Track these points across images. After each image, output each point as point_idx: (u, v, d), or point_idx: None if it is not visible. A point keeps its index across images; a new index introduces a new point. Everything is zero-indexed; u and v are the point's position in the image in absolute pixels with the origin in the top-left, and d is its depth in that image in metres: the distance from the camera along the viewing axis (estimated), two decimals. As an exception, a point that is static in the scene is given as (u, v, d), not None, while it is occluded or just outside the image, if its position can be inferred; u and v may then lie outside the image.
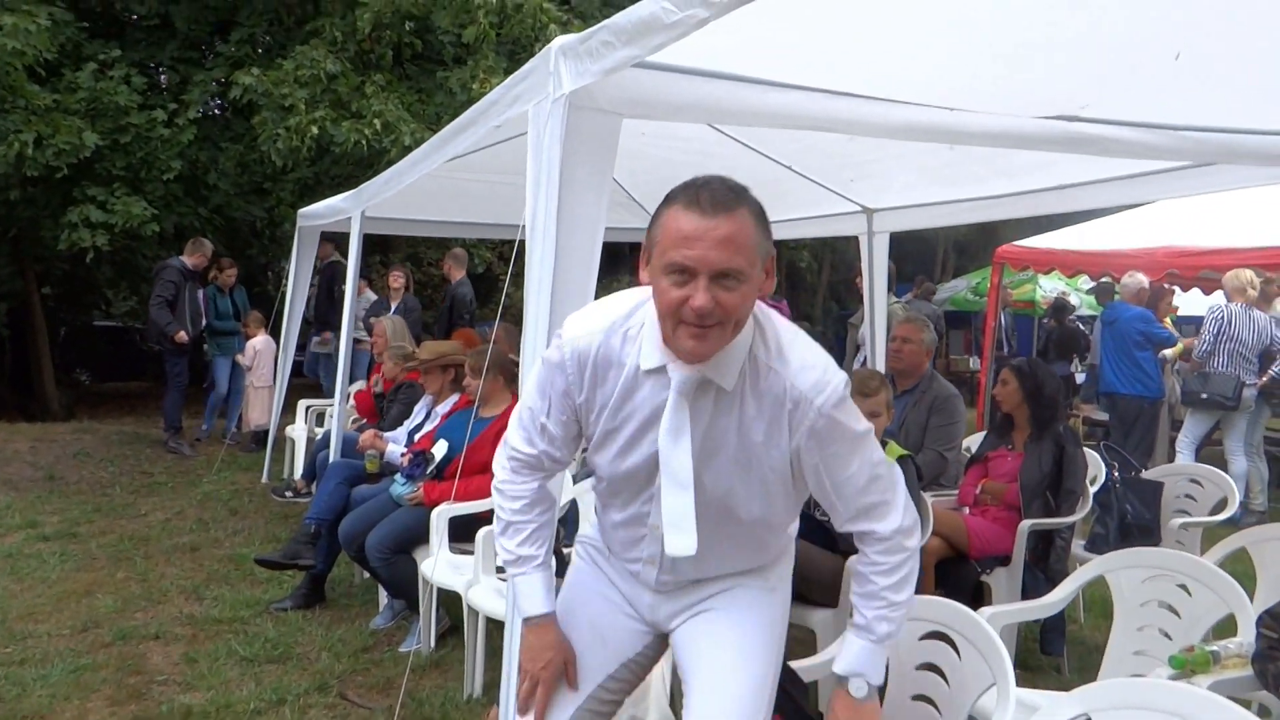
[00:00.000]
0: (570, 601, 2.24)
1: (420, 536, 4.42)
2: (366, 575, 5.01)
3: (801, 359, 1.86)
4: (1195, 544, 4.35)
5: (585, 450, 2.12)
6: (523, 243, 2.66)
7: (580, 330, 1.94)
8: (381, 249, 15.25)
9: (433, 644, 4.39)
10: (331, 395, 7.06)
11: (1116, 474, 4.58)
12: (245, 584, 5.39)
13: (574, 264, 2.53)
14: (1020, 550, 4.08)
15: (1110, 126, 3.23)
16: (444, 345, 5.29)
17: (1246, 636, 2.52)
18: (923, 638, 2.45)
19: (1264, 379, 7.55)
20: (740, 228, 1.70)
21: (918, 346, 4.80)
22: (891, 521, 1.94)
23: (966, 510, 4.46)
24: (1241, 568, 3.33)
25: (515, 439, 2.09)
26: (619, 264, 18.26)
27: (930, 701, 2.40)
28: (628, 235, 9.01)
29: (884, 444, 3.74)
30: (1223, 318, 7.54)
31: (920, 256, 23.92)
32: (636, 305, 1.93)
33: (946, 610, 2.45)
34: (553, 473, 2.15)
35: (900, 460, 3.66)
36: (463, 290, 9.26)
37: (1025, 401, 4.34)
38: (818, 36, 2.65)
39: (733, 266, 1.69)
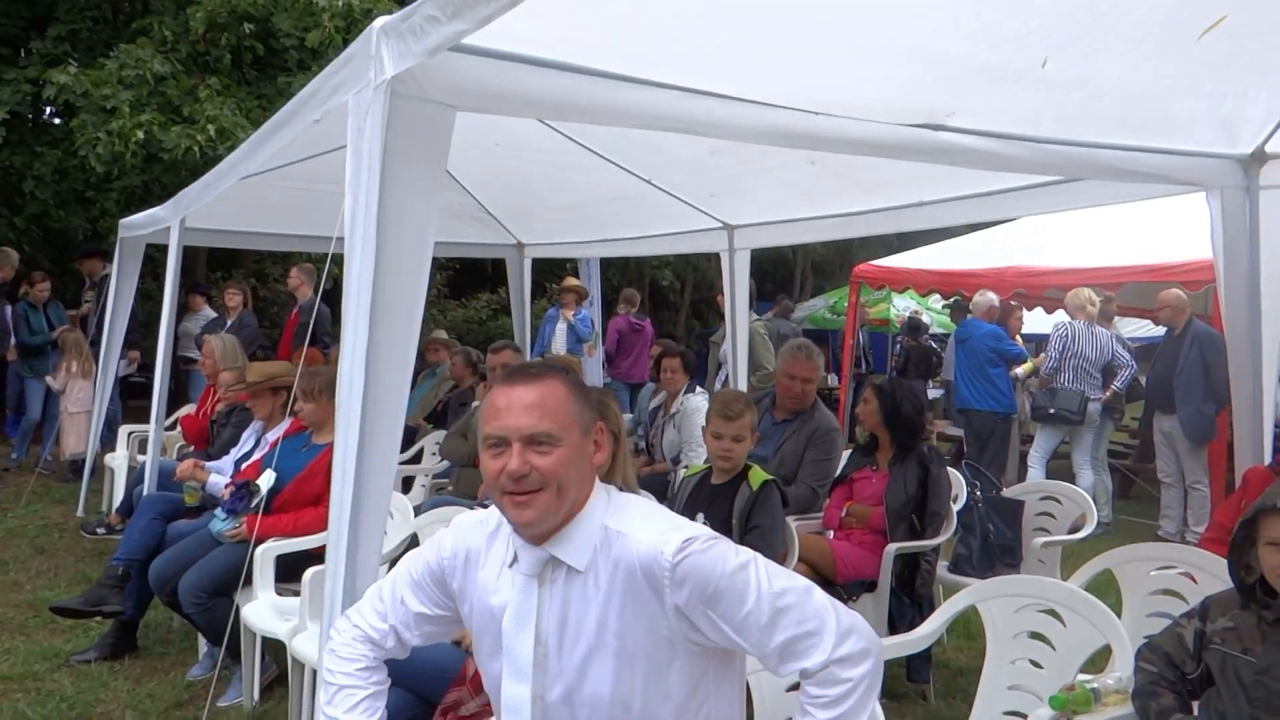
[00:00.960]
0: None
1: (239, 577, 3.97)
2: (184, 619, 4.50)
3: (645, 517, 1.78)
4: (1055, 562, 4.32)
5: None
6: (340, 255, 2.32)
7: (466, 520, 1.97)
8: (226, 264, 14.42)
9: (256, 696, 3.95)
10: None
11: (979, 493, 4.52)
12: (44, 633, 4.78)
13: (398, 275, 2.21)
14: (886, 575, 3.94)
15: (974, 137, 3.13)
16: (273, 366, 4.85)
17: (1124, 670, 2.39)
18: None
19: (1107, 393, 7.77)
20: (548, 393, 1.73)
21: (814, 385, 4.63)
22: (819, 655, 1.67)
23: (831, 534, 4.32)
24: (1107, 590, 3.26)
25: (367, 610, 1.99)
26: (478, 281, 17.84)
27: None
28: (488, 251, 8.74)
29: (747, 468, 3.55)
30: (1068, 334, 7.74)
31: (779, 276, 24.32)
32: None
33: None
34: (390, 655, 2.01)
35: (763, 485, 3.46)
36: (322, 307, 8.72)
37: (884, 422, 4.23)
38: (673, 30, 2.43)
39: (541, 429, 1.69)
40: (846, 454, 4.55)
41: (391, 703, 2.63)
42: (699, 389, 6.03)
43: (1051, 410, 7.67)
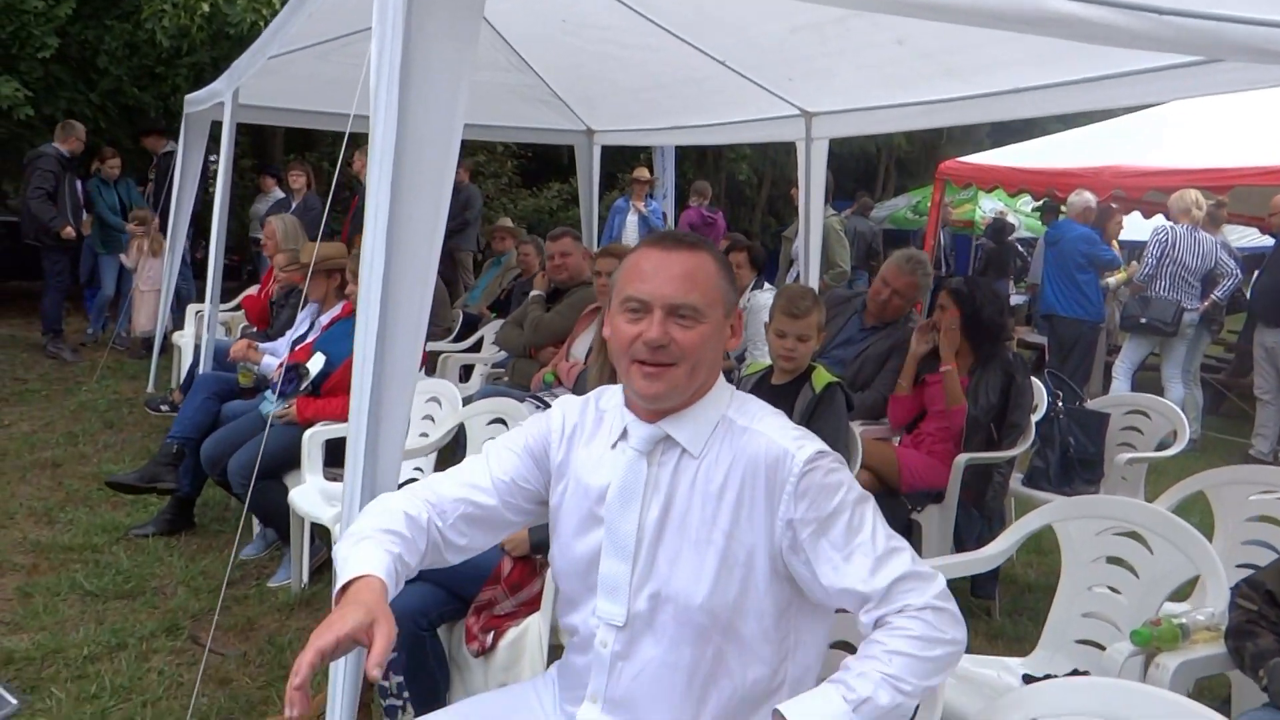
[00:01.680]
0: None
1: (291, 460, 3.92)
2: (240, 499, 4.50)
3: (782, 422, 1.68)
4: (1140, 481, 4.04)
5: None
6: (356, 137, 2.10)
7: (572, 398, 1.87)
8: (301, 146, 14.35)
9: (306, 579, 3.93)
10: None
11: (1060, 404, 4.23)
12: (106, 506, 4.84)
13: (423, 159, 1.99)
14: (955, 486, 3.72)
15: (1085, 4, 2.75)
16: (327, 248, 4.70)
17: (1217, 605, 2.16)
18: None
19: (1205, 304, 7.30)
20: (700, 265, 1.64)
21: (906, 303, 4.34)
22: (925, 595, 1.55)
23: (898, 440, 4.10)
24: (1197, 514, 3.00)
25: (436, 479, 1.81)
26: (551, 170, 17.52)
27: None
28: (557, 138, 8.46)
29: (811, 368, 3.32)
30: (1167, 239, 7.25)
31: (861, 173, 23.52)
32: (605, 388, 1.83)
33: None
34: (424, 547, 1.68)
35: (827, 387, 3.24)
36: None
37: (965, 328, 3.93)
38: None
39: (688, 301, 1.61)
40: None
41: (423, 597, 2.54)
42: (767, 285, 5.76)
43: (1143, 320, 7.24)
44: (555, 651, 2.51)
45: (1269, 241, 8.31)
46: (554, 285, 5.10)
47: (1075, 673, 2.38)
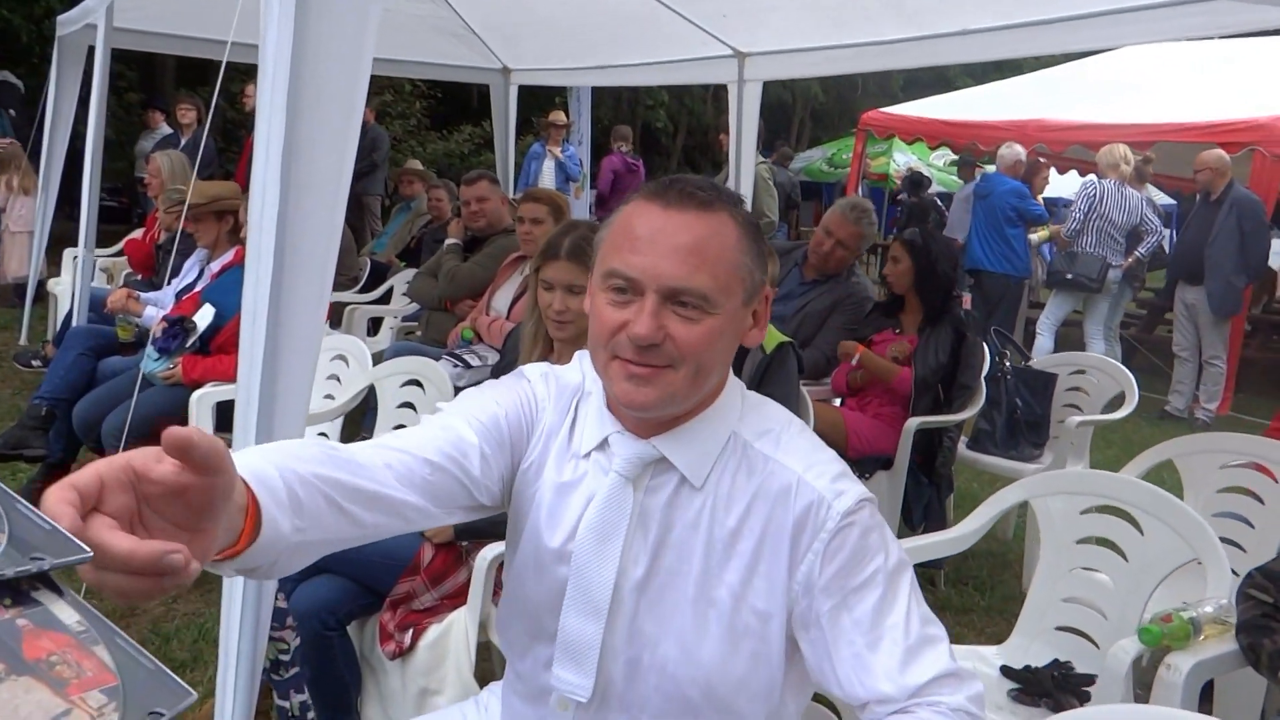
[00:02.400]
0: None
1: (176, 425, 3.50)
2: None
3: (812, 448, 1.28)
4: (1086, 444, 3.89)
5: None
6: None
7: (563, 372, 1.39)
8: (195, 79, 13.42)
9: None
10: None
11: (1007, 364, 4.05)
12: (-33, 474, 4.33)
13: (324, 96, 1.63)
14: (905, 451, 3.51)
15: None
16: (217, 186, 4.24)
17: (1220, 595, 1.97)
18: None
19: (1129, 260, 7.28)
20: (715, 234, 1.19)
21: (851, 254, 4.07)
22: (960, 693, 1.19)
23: (839, 401, 3.87)
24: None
25: (390, 436, 1.26)
26: (461, 112, 16.84)
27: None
28: (471, 76, 7.97)
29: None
30: (1094, 194, 7.18)
31: (775, 124, 23.35)
32: (583, 357, 1.38)
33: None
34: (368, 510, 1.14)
35: (779, 348, 2.97)
36: None
37: (916, 283, 3.71)
38: None
39: (694, 286, 1.17)
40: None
41: (329, 592, 2.20)
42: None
43: (1069, 275, 7.18)
44: (483, 651, 2.21)
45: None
46: (471, 234, 4.72)
47: (1057, 663, 2.18)
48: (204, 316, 3.63)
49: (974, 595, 3.69)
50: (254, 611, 1.71)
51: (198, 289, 4.09)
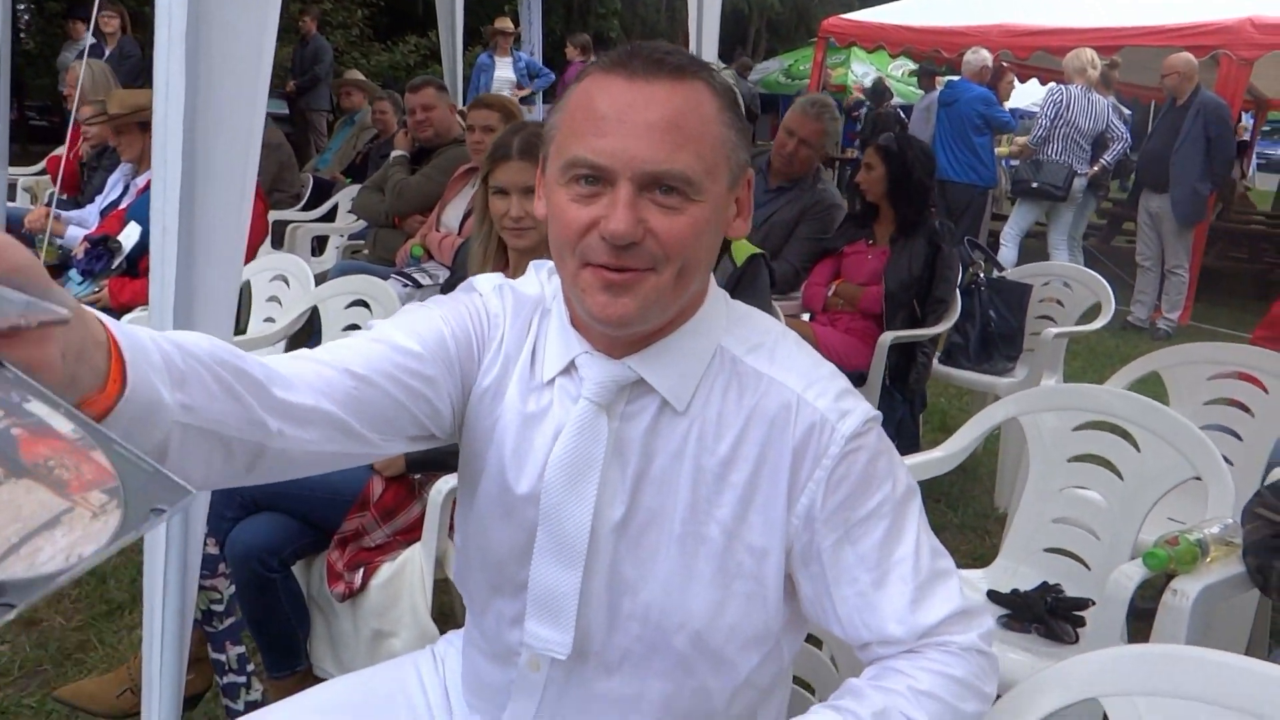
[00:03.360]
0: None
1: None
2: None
3: (812, 363, 1.11)
4: (1060, 357, 3.79)
5: None
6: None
7: (524, 286, 1.19)
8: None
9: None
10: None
11: (981, 275, 3.92)
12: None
13: None
14: (879, 367, 3.38)
15: None
16: (141, 96, 3.92)
17: (1223, 514, 1.86)
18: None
19: (1095, 168, 7.15)
20: (693, 105, 0.99)
21: (815, 152, 3.86)
22: (972, 630, 1.08)
23: (807, 316, 3.73)
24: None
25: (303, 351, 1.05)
26: (406, 22, 16.19)
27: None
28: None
29: (728, 240, 2.86)
30: (1061, 100, 7.01)
31: (731, 35, 22.83)
32: (542, 265, 1.20)
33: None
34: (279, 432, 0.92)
35: (750, 260, 2.80)
36: None
37: (890, 191, 3.54)
38: None
39: (675, 168, 0.98)
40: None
41: (271, 531, 2.02)
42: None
43: (1034, 184, 7.05)
44: (442, 586, 2.07)
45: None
46: (419, 145, 4.45)
47: (1046, 587, 2.07)
48: (130, 235, 3.38)
49: (946, 512, 3.61)
50: (180, 557, 1.54)
51: (123, 206, 3.83)
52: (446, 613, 2.24)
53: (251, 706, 1.95)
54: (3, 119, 4.44)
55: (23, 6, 5.19)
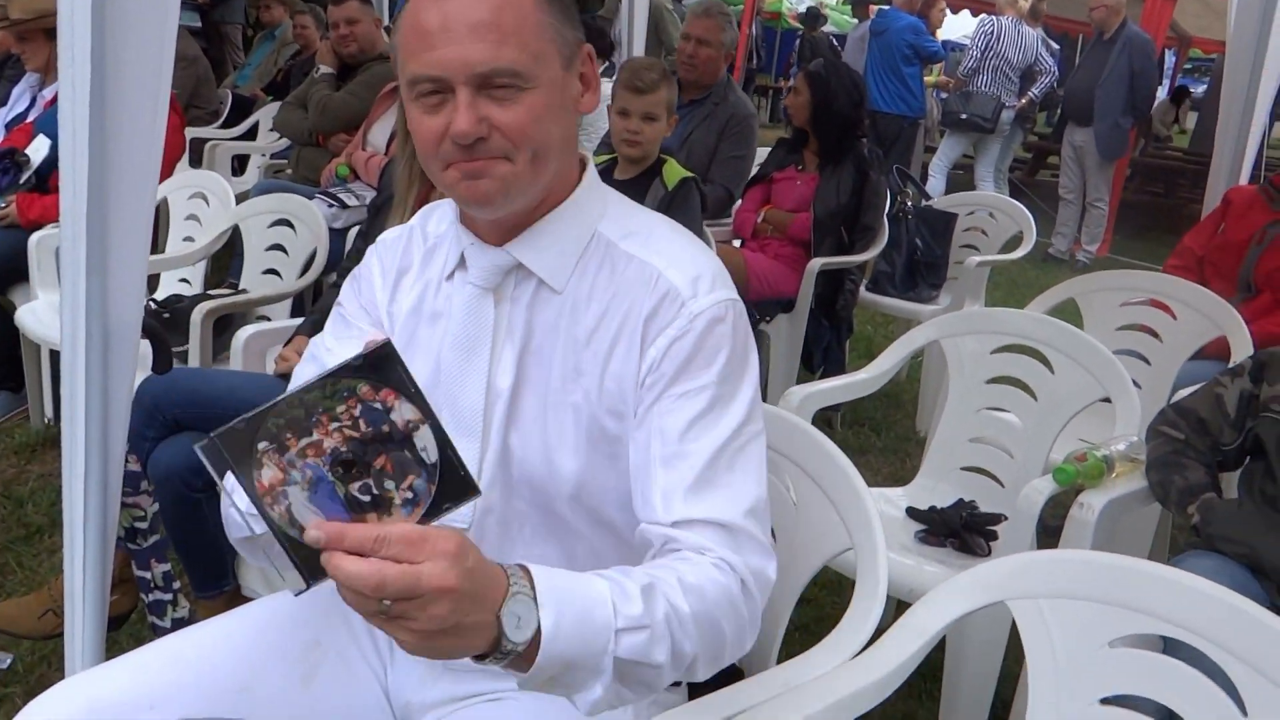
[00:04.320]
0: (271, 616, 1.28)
1: (15, 272, 3.16)
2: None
3: (682, 250, 1.17)
4: (982, 286, 3.88)
5: None
6: None
7: (391, 234, 1.33)
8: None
9: (50, 412, 3.25)
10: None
11: (908, 204, 3.96)
12: None
13: None
14: (807, 294, 3.42)
15: None
16: (47, 1, 3.72)
17: (1128, 432, 1.94)
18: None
19: (1023, 101, 7.24)
20: (508, 2, 1.06)
21: (716, 51, 3.82)
22: (731, 510, 1.07)
23: (739, 242, 3.74)
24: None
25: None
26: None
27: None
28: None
29: (661, 161, 2.85)
30: (991, 31, 7.07)
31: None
32: (433, 207, 1.31)
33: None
34: None
35: (681, 183, 2.79)
36: None
37: (813, 118, 3.55)
38: None
39: (501, 64, 1.05)
40: (766, 151, 3.87)
41: (192, 451, 2.00)
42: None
43: (963, 116, 7.14)
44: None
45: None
46: (342, 61, 4.31)
47: (962, 503, 2.15)
48: (38, 149, 3.23)
49: (870, 436, 3.71)
50: (100, 475, 1.51)
51: (30, 119, 3.65)
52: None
53: (178, 624, 1.94)
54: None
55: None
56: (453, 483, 0.83)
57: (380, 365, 0.81)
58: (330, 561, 0.79)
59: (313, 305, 3.18)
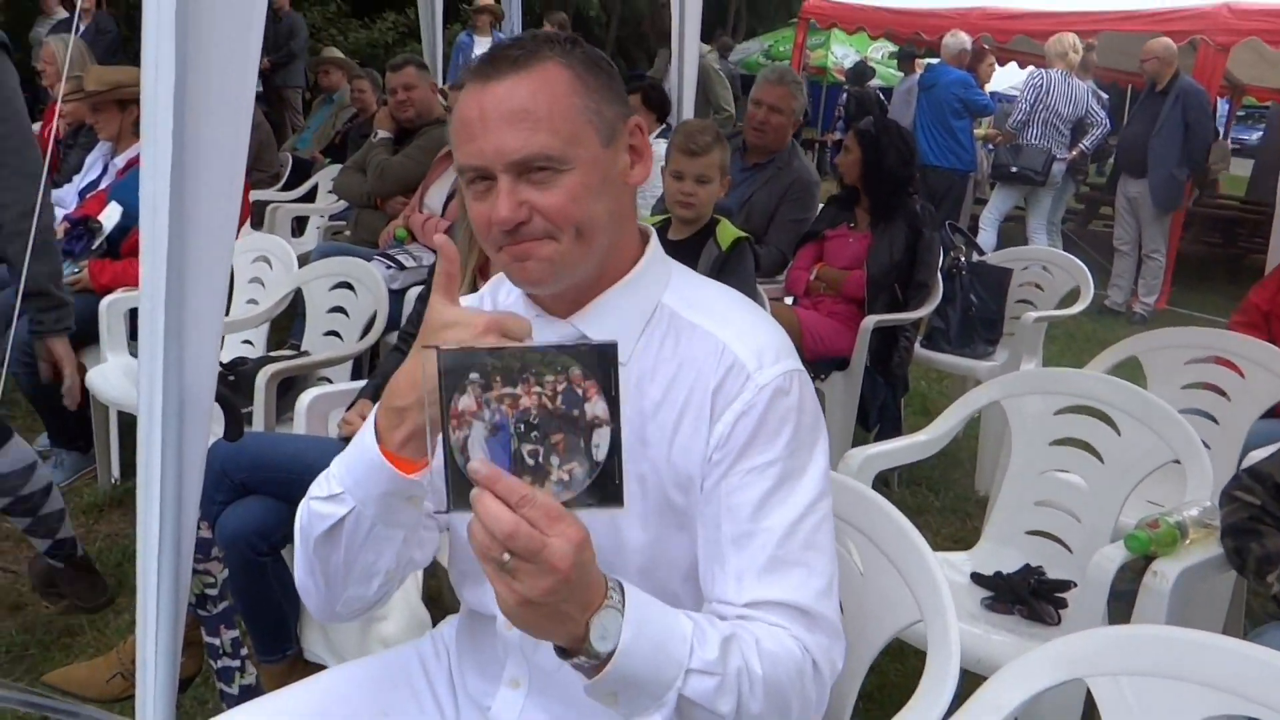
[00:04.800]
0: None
1: (87, 335, 3.24)
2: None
3: (747, 320, 1.19)
4: (1040, 340, 3.83)
5: None
6: None
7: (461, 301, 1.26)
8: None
9: (117, 474, 3.32)
10: None
11: (962, 259, 3.94)
12: None
13: None
14: (862, 351, 3.40)
15: None
16: (120, 73, 3.86)
17: (1202, 497, 1.89)
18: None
19: (1074, 153, 7.20)
20: (540, 87, 1.09)
21: (787, 119, 3.86)
22: (804, 593, 1.08)
23: (791, 300, 3.74)
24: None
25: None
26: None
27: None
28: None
29: (715, 222, 2.87)
30: (1041, 84, 7.05)
31: (710, 16, 22.75)
32: (502, 278, 1.29)
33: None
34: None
35: (736, 244, 2.81)
36: None
37: (864, 176, 3.56)
38: None
39: (534, 150, 1.07)
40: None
41: (261, 515, 2.02)
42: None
43: (1013, 169, 7.10)
44: (430, 570, 2.07)
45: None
46: (400, 125, 4.41)
47: (1029, 569, 2.10)
48: (111, 216, 3.34)
49: (928, 496, 3.65)
50: (174, 541, 1.54)
51: (103, 186, 3.78)
52: (434, 596, 2.25)
53: (246, 690, 1.95)
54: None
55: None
56: (605, 487, 0.87)
57: (599, 360, 0.86)
58: (480, 498, 0.85)
59: (372, 367, 3.24)
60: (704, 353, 1.14)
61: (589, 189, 1.10)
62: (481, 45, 9.17)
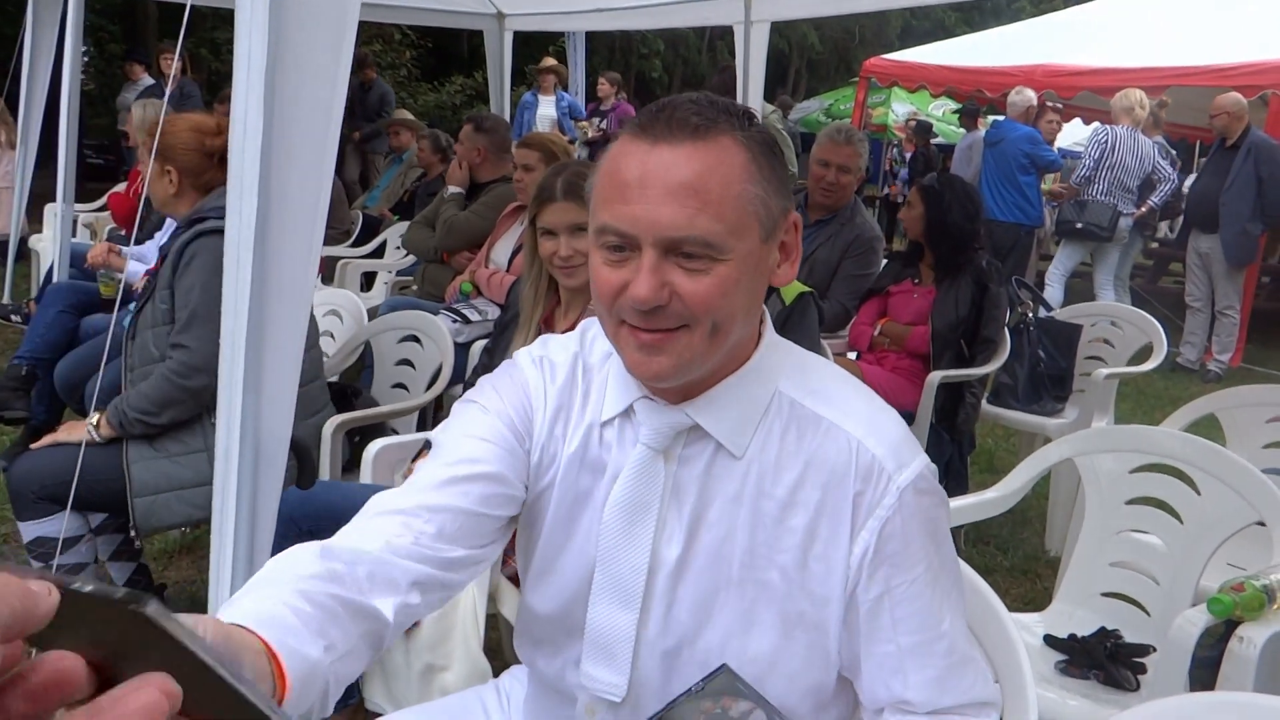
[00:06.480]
0: None
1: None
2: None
3: (869, 410, 1.11)
4: (1110, 398, 3.75)
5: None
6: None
7: (554, 342, 1.22)
8: (178, 30, 13.08)
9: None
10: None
11: (1030, 315, 3.89)
12: (-51, 438, 4.17)
13: (310, 36, 1.44)
14: (927, 407, 3.36)
15: None
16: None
17: (1288, 558, 1.83)
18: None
19: (1142, 209, 7.10)
20: (716, 165, 0.98)
21: (853, 177, 3.87)
22: (985, 684, 1.10)
23: (854, 355, 3.72)
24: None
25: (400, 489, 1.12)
26: (453, 62, 16.47)
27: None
28: (464, 22, 7.71)
29: (778, 277, 2.88)
30: (1107, 141, 6.98)
31: (770, 75, 23.01)
32: (591, 323, 1.20)
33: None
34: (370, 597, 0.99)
35: (799, 298, 2.81)
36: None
37: (928, 231, 3.55)
38: None
39: (695, 233, 0.97)
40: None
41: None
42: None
43: (1078, 225, 7.01)
44: (491, 622, 2.07)
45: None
46: (472, 181, 4.49)
47: (1105, 632, 2.04)
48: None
49: (996, 555, 3.57)
50: (245, 583, 1.57)
51: (182, 243, 3.90)
52: (495, 648, 2.25)
53: (307, 738, 1.96)
54: (71, 158, 4.60)
55: (84, 49, 5.38)
56: None
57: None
58: None
59: (437, 418, 3.28)
60: (834, 450, 1.06)
61: (739, 284, 1.00)
62: (545, 104, 9.36)
